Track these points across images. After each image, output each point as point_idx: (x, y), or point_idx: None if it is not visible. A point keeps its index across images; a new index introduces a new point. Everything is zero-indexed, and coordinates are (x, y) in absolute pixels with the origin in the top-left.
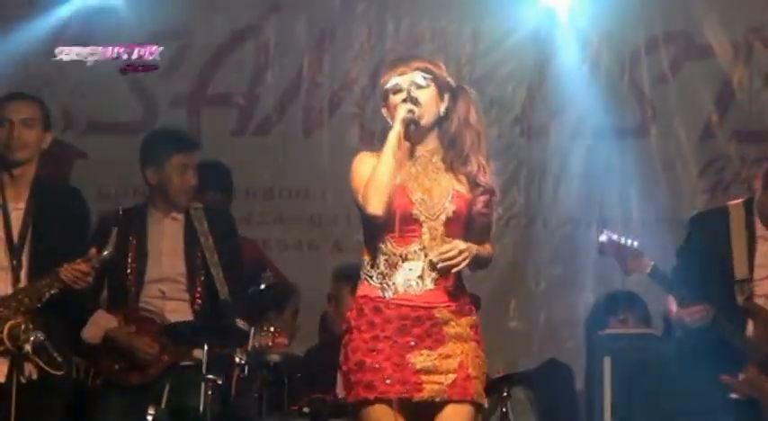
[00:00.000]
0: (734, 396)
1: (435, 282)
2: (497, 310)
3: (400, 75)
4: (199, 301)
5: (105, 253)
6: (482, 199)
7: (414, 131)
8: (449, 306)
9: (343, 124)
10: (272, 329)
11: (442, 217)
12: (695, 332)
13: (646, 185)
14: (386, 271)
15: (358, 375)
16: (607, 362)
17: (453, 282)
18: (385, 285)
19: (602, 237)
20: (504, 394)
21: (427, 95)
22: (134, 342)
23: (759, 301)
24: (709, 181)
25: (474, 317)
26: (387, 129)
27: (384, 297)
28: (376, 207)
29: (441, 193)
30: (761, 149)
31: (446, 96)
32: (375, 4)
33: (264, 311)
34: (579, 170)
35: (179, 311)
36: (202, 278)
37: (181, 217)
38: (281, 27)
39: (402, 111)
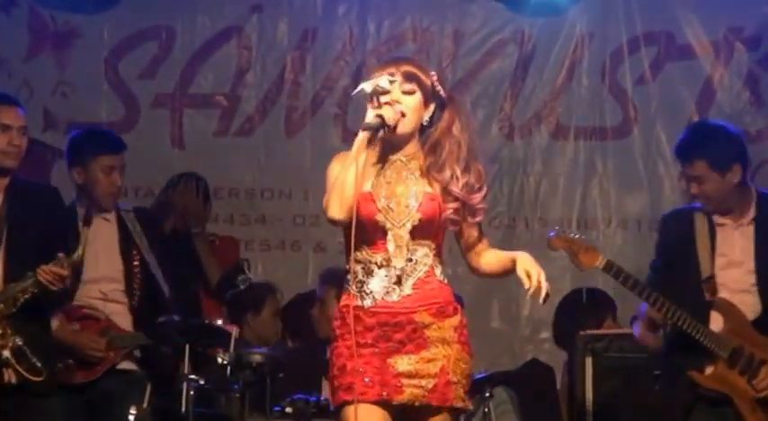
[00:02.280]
0: (702, 391)
1: (413, 286)
2: (479, 311)
3: (388, 75)
4: (137, 301)
5: (75, 255)
6: (451, 207)
7: (388, 136)
8: (429, 309)
9: (325, 125)
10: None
11: (408, 225)
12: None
13: (627, 185)
14: (363, 278)
15: (339, 379)
16: (589, 362)
17: (435, 284)
18: (363, 294)
19: (551, 233)
20: (487, 394)
21: (411, 102)
22: (79, 339)
23: (722, 292)
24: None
25: (459, 318)
26: None
27: (363, 305)
28: (334, 211)
29: (409, 200)
30: None
31: (432, 105)
32: (356, 4)
33: (243, 313)
34: (561, 170)
35: (118, 310)
36: (140, 277)
37: (112, 218)
38: (263, 27)
39: (369, 116)
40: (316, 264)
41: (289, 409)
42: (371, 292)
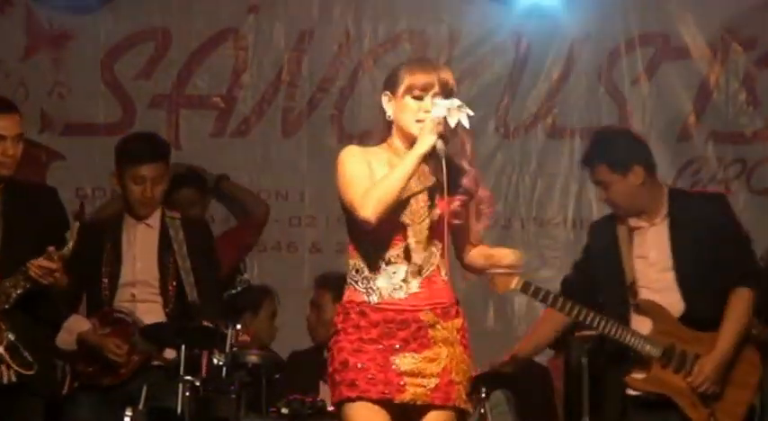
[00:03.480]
0: (635, 393)
1: (421, 285)
2: (474, 312)
3: (426, 84)
4: (171, 304)
5: (65, 248)
6: (459, 198)
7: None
8: (434, 308)
9: (321, 126)
10: (237, 327)
11: (427, 221)
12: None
13: None
14: (370, 275)
15: (342, 374)
16: (584, 362)
17: (440, 284)
18: (370, 290)
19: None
20: (483, 395)
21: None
22: (104, 343)
23: (644, 293)
24: (686, 182)
25: (461, 320)
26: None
27: (369, 301)
28: (371, 213)
29: (427, 197)
30: (738, 150)
31: None
32: (352, 5)
33: (240, 314)
34: (557, 170)
35: (151, 313)
36: (174, 282)
37: (156, 224)
38: (259, 28)
39: (431, 138)
40: (311, 265)
41: (285, 410)
42: (378, 289)
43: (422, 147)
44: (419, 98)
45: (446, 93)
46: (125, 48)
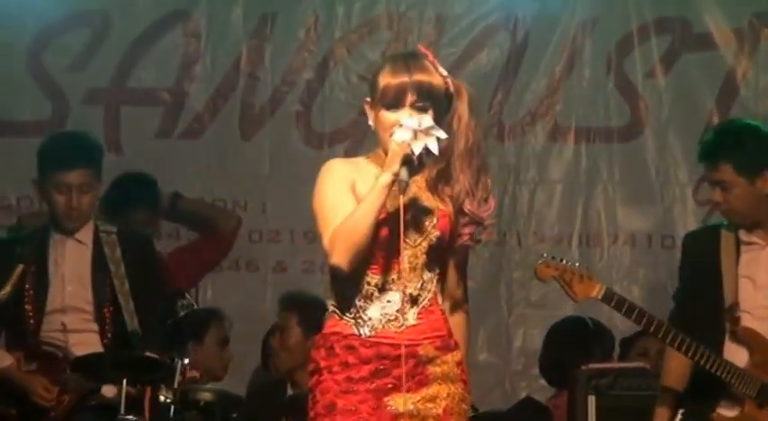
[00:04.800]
0: None
1: (418, 315)
2: None
3: (398, 89)
4: (108, 334)
5: (2, 292)
6: (468, 231)
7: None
8: (434, 341)
9: (286, 125)
10: (185, 362)
11: (424, 244)
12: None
13: (636, 195)
14: (360, 303)
15: (327, 419)
16: (591, 401)
17: (438, 314)
18: (360, 320)
19: (539, 261)
20: None
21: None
22: (29, 383)
23: (746, 320)
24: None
25: (459, 353)
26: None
27: (359, 334)
28: (340, 261)
29: (424, 217)
30: None
31: (443, 111)
32: None
33: (184, 342)
34: (559, 177)
35: (86, 344)
36: (111, 308)
37: (88, 240)
38: (213, 12)
39: (397, 165)
40: (275, 286)
41: None
42: (370, 320)
43: (384, 177)
44: (393, 108)
45: (425, 97)
46: (56, 33)
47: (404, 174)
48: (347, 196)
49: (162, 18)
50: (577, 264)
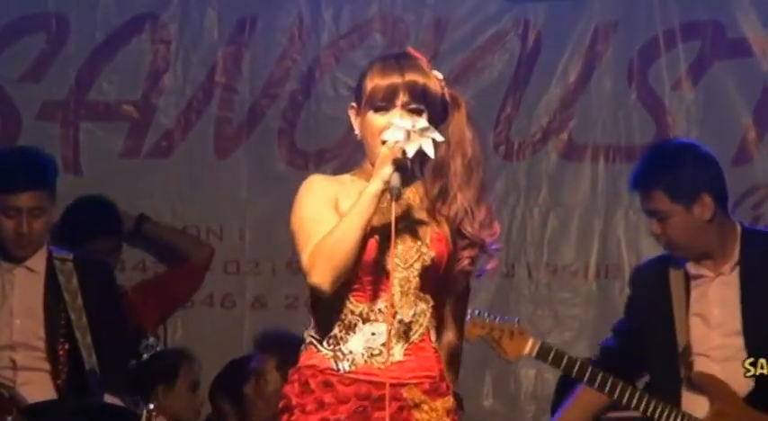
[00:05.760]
0: None
1: (405, 351)
2: (467, 386)
3: (389, 90)
4: (63, 374)
5: None
6: (468, 254)
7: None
8: (422, 383)
9: (266, 143)
10: (150, 407)
11: (417, 265)
12: None
13: None
14: (340, 334)
15: None
16: None
17: (430, 351)
18: (339, 354)
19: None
20: None
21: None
22: None
23: (701, 364)
24: (746, 215)
25: (452, 399)
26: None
27: (338, 369)
28: (321, 280)
29: (417, 235)
30: None
31: (438, 119)
32: None
33: (150, 386)
34: (575, 201)
35: (37, 385)
36: (67, 345)
37: (41, 268)
38: (185, 15)
39: (388, 171)
40: (254, 323)
41: None
42: (351, 353)
43: (375, 184)
44: (383, 110)
45: (419, 99)
46: (6, 39)
47: (396, 180)
48: (329, 211)
49: (127, 22)
50: (505, 318)
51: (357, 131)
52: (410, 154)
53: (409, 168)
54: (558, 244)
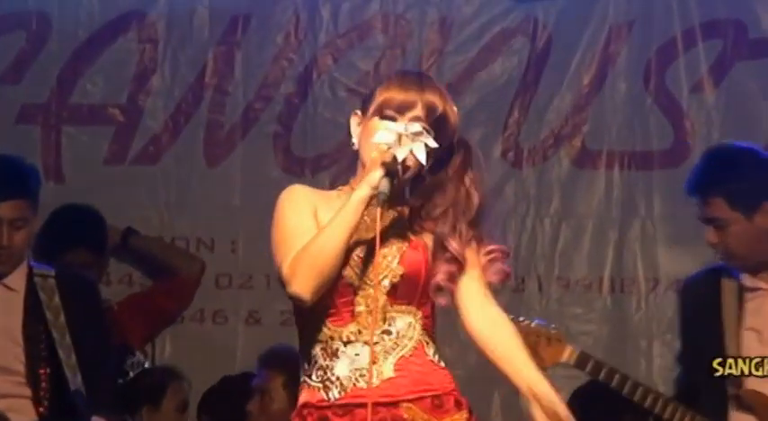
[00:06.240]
0: None
1: (396, 367)
2: (476, 405)
3: (404, 104)
4: (46, 400)
5: None
6: (445, 269)
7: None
8: (421, 400)
9: (260, 148)
10: None
11: (385, 282)
12: None
13: (681, 234)
14: (325, 363)
15: None
16: None
17: (424, 366)
18: (328, 383)
19: None
20: None
21: (430, 147)
22: None
23: (752, 382)
24: None
25: (466, 415)
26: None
27: (329, 398)
28: (301, 288)
29: (388, 251)
30: None
31: (442, 153)
32: None
33: (136, 406)
34: (588, 212)
35: (18, 412)
36: (49, 368)
37: (20, 286)
38: (174, 12)
39: (377, 177)
40: (247, 340)
41: None
42: (338, 379)
43: (362, 189)
44: (391, 119)
45: (432, 120)
46: None
47: (384, 185)
48: (310, 220)
49: (112, 20)
50: (542, 323)
51: (355, 140)
52: (400, 158)
53: (400, 176)
54: (571, 256)
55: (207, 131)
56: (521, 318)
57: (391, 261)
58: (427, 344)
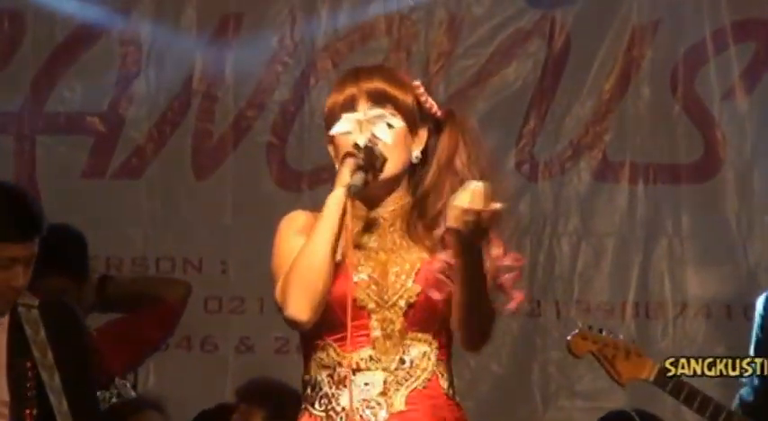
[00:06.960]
0: None
1: (408, 400)
2: None
3: (346, 102)
4: None
5: None
6: (443, 258)
7: (363, 191)
8: None
9: (253, 160)
10: None
11: (401, 303)
12: None
13: (711, 253)
14: (331, 391)
15: None
16: None
17: (439, 400)
18: (332, 413)
19: (574, 332)
20: None
21: (391, 138)
22: None
23: None
24: None
25: None
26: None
27: None
28: (298, 309)
29: (401, 270)
30: None
31: (423, 131)
32: None
33: None
34: (610, 229)
35: None
36: (35, 410)
37: (3, 319)
38: (159, 12)
39: (346, 173)
40: (238, 369)
41: None
42: (343, 411)
43: (335, 192)
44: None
45: (382, 102)
46: None
47: (357, 179)
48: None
49: (91, 20)
50: (621, 337)
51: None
52: (361, 143)
53: (376, 167)
54: (591, 278)
55: (195, 142)
56: (598, 329)
57: (406, 282)
58: (442, 375)
